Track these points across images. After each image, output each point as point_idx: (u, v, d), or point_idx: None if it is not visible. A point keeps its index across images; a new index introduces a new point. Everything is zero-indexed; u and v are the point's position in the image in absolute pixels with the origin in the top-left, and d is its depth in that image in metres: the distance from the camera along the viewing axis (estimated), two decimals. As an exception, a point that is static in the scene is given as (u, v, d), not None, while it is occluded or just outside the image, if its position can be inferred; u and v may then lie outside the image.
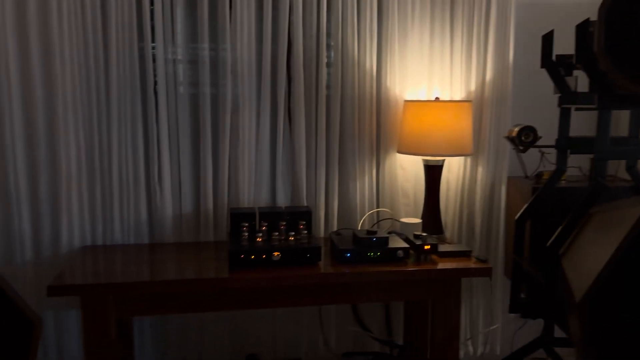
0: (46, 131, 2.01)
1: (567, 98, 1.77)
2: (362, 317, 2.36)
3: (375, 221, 2.31)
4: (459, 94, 2.29)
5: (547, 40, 1.79)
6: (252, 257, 1.82)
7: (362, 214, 2.28)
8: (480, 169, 2.32)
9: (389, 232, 2.12)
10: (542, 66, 1.81)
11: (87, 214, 2.09)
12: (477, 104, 2.29)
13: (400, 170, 2.31)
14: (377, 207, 2.32)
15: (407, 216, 2.32)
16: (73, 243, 2.08)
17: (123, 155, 2.08)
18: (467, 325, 2.44)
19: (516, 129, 1.89)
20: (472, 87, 2.28)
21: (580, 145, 1.82)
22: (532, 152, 2.15)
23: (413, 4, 2.20)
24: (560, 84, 1.78)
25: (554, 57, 1.81)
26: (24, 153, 2.01)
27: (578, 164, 2.33)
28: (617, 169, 2.31)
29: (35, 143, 2.00)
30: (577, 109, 1.84)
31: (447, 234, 2.37)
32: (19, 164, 2.00)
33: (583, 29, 1.60)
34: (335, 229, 2.27)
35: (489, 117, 2.28)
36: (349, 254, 1.88)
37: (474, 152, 2.31)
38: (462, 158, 2.32)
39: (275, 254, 1.83)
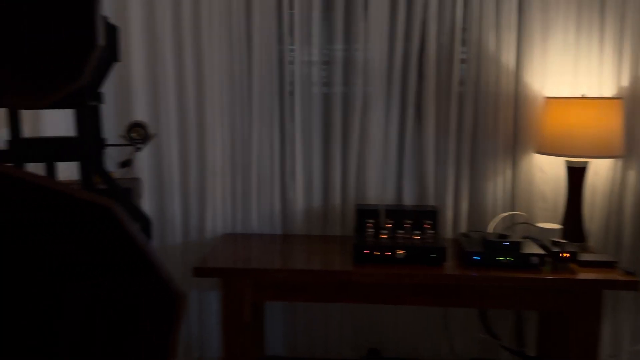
0: (196, 129, 2.23)
1: None
2: (491, 324, 2.27)
3: (509, 225, 2.20)
4: (608, 91, 2.08)
5: None
6: (376, 253, 1.84)
7: (494, 217, 2.18)
8: (632, 173, 2.10)
9: (524, 237, 2.01)
10: None
11: (229, 204, 2.28)
12: (630, 101, 2.07)
13: (538, 172, 2.17)
14: (511, 210, 2.21)
15: (544, 221, 2.17)
16: (216, 230, 2.28)
17: (261, 152, 2.24)
18: (610, 343, 2.22)
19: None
20: (624, 82, 2.06)
21: None
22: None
23: (558, -6, 2.06)
24: None
25: None
26: (177, 149, 2.25)
27: None
28: None
29: (187, 140, 2.23)
30: None
31: (591, 242, 2.17)
32: (173, 158, 2.24)
33: None
34: (463, 230, 2.21)
35: (645, 115, 2.05)
36: (477, 257, 1.82)
37: (625, 154, 2.09)
38: (610, 160, 2.11)
39: (400, 251, 1.84)
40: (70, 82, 1.34)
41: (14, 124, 1.53)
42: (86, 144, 1.48)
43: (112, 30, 1.71)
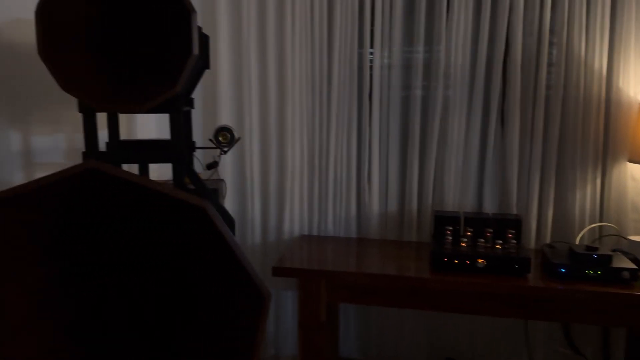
0: (277, 133, 2.30)
1: None
2: (574, 338, 2.16)
3: (597, 237, 2.09)
4: None
5: None
6: (455, 261, 1.82)
7: (581, 228, 2.08)
8: None
9: (613, 250, 1.90)
10: None
11: (306, 207, 2.33)
12: None
13: (631, 182, 2.04)
14: (600, 221, 2.10)
15: (636, 234, 2.04)
16: (293, 231, 2.34)
17: (338, 156, 2.27)
18: None
19: None
20: None
21: None
22: None
23: (658, -7, 1.93)
24: None
25: None
26: (259, 152, 2.33)
27: None
28: None
29: (268, 144, 2.31)
30: None
31: (690, 259, 2.01)
32: (254, 161, 2.32)
33: None
34: (548, 241, 2.12)
35: None
36: (563, 270, 1.75)
37: None
38: None
39: (480, 260, 1.80)
40: (168, 89, 1.44)
41: (113, 127, 1.66)
42: (179, 147, 1.57)
43: (204, 40, 1.80)
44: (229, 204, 2.36)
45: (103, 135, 2.09)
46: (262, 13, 2.23)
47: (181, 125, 1.57)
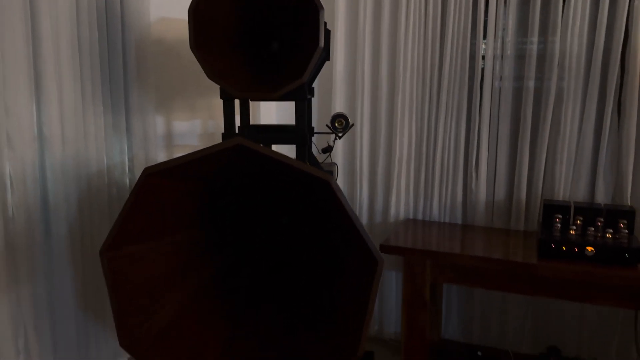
0: (386, 121, 2.43)
1: None
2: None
3: None
4: None
5: None
6: (563, 248, 1.84)
7: None
8: None
9: None
10: None
11: (412, 192, 2.44)
12: None
13: None
14: None
15: None
16: (399, 215, 2.46)
17: (446, 143, 2.35)
18: None
19: None
20: None
21: None
22: None
23: None
24: None
25: None
26: (368, 139, 2.48)
27: None
28: None
29: (377, 131, 2.45)
30: None
31: None
32: (364, 148, 2.48)
33: None
34: (665, 235, 2.06)
35: None
36: (679, 262, 1.71)
37: None
38: None
39: (589, 248, 1.81)
40: (296, 79, 1.63)
41: (245, 113, 1.89)
42: (303, 131, 1.76)
43: (327, 34, 1.97)
44: (340, 186, 2.54)
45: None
46: (377, 7, 2.37)
47: (305, 111, 1.76)
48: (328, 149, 2.20)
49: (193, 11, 1.64)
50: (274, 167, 1.42)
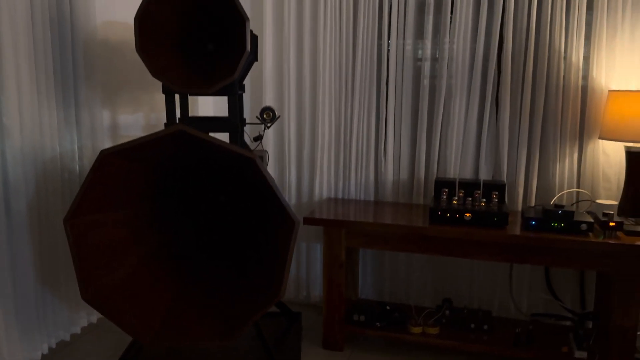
0: (310, 113, 2.81)
1: None
2: (556, 285, 2.60)
3: (575, 201, 2.51)
4: (673, 83, 2.31)
5: None
6: (448, 214, 2.29)
7: (559, 193, 2.51)
8: (694, 159, 2.31)
9: (587, 212, 2.33)
10: None
11: (333, 174, 2.84)
12: (695, 93, 2.28)
13: (602, 156, 2.45)
14: (577, 188, 2.51)
15: (607, 199, 2.45)
16: (322, 194, 2.86)
17: (360, 132, 2.76)
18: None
19: None
20: (689, 76, 2.28)
21: None
22: None
23: (624, 1, 2.31)
24: None
25: None
26: (295, 128, 2.85)
27: None
28: None
29: (302, 121, 2.82)
30: None
31: (651, 220, 2.41)
32: (291, 136, 2.85)
33: None
34: (533, 204, 2.56)
35: None
36: (534, 222, 2.19)
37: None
38: (673, 147, 2.33)
39: (467, 214, 2.26)
40: (228, 77, 1.96)
41: (184, 106, 2.21)
42: (235, 121, 2.11)
43: (254, 39, 2.32)
44: (271, 170, 2.90)
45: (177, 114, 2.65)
46: (299, 15, 2.74)
47: (236, 104, 2.10)
48: (259, 138, 2.55)
49: (139, 18, 1.94)
50: (210, 149, 1.76)
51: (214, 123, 2.20)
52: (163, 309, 1.94)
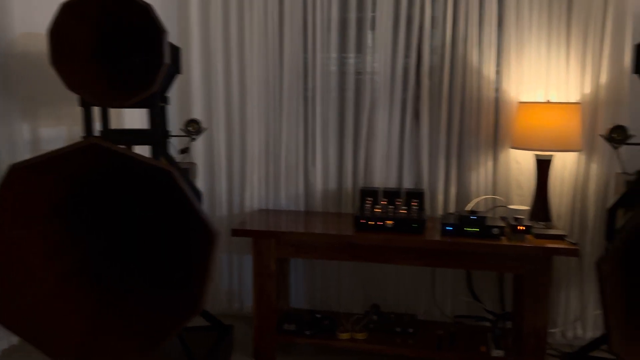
0: (239, 125, 2.84)
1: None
2: (477, 288, 2.72)
3: (490, 207, 2.65)
4: (573, 97, 2.50)
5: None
6: (371, 222, 2.37)
7: (478, 201, 2.64)
8: (594, 166, 2.50)
9: (503, 217, 2.47)
10: (636, 72, 1.99)
11: (263, 186, 2.87)
12: (592, 105, 2.47)
13: (515, 164, 2.61)
14: (493, 195, 2.66)
15: (520, 205, 2.61)
16: (253, 206, 2.88)
17: (289, 144, 2.81)
18: (576, 307, 2.62)
19: (608, 128, 2.09)
20: (587, 90, 2.47)
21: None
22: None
23: (530, 18, 2.49)
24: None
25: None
26: (225, 140, 2.87)
27: None
28: None
29: (232, 133, 2.85)
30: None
31: (560, 224, 2.59)
32: (221, 148, 2.86)
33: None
34: (452, 211, 2.68)
35: (603, 117, 2.45)
36: (449, 228, 2.31)
37: (587, 149, 2.50)
38: (575, 154, 2.52)
39: (389, 222, 2.35)
40: (146, 90, 1.97)
41: (104, 119, 2.19)
42: (155, 134, 2.10)
43: (176, 51, 2.33)
44: (201, 182, 2.89)
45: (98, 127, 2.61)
46: (226, 28, 2.77)
47: (156, 117, 2.10)
48: (185, 150, 2.55)
49: (51, 31, 1.91)
50: (127, 163, 1.75)
51: (136, 136, 2.19)
52: (82, 327, 1.90)
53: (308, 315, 2.66)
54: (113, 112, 2.79)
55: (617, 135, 2.05)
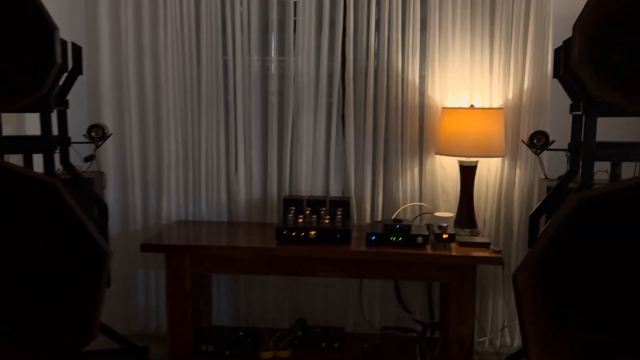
0: (154, 129, 2.64)
1: (576, 105, 1.92)
2: (406, 298, 2.65)
3: (418, 214, 2.59)
4: (497, 102, 2.48)
5: (558, 53, 1.96)
6: (293, 233, 2.24)
7: (405, 208, 2.57)
8: (518, 171, 2.49)
9: (429, 225, 2.40)
10: (554, 76, 1.98)
11: (182, 195, 2.68)
12: (516, 110, 2.47)
13: (440, 170, 2.56)
14: (420, 201, 2.60)
15: (446, 211, 2.56)
16: (171, 217, 2.68)
17: (209, 150, 2.64)
18: (505, 315, 2.60)
19: (530, 134, 2.07)
20: (510, 95, 2.46)
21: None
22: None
23: (454, 23, 2.45)
24: (570, 93, 1.93)
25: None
26: (138, 146, 2.66)
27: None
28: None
29: (146, 138, 2.64)
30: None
31: (485, 230, 2.56)
32: (134, 153, 2.65)
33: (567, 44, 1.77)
34: (380, 219, 2.60)
35: (526, 122, 2.44)
36: (373, 237, 2.21)
37: (512, 155, 2.49)
38: (500, 160, 2.50)
39: (312, 232, 2.23)
40: (35, 93, 1.75)
41: (-4, 124, 1.94)
42: (48, 140, 1.89)
43: (77, 51, 2.12)
44: (112, 192, 2.67)
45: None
46: (138, 26, 2.57)
47: (49, 122, 1.89)
48: (90, 158, 2.33)
49: None
50: (5, 175, 1.54)
51: (27, 143, 1.96)
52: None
53: (230, 334, 2.50)
54: (12, 117, 2.53)
55: (538, 141, 2.03)
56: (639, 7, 1.67)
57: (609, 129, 2.37)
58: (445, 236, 2.19)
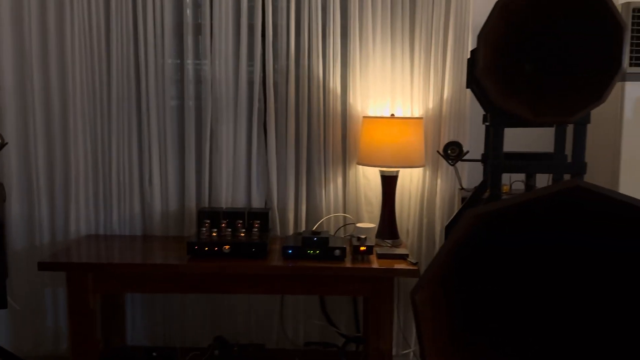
0: (61, 138, 2.46)
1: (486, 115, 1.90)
2: (332, 311, 2.58)
3: (342, 225, 2.53)
4: (418, 111, 2.46)
5: (470, 62, 1.94)
6: (206, 248, 2.13)
7: (329, 219, 2.51)
8: (439, 181, 2.47)
9: (351, 236, 2.34)
10: (467, 87, 1.96)
11: (92, 207, 2.52)
12: (436, 120, 2.45)
13: (363, 180, 2.51)
14: (344, 212, 2.54)
15: (369, 222, 2.51)
16: (80, 231, 2.51)
17: (120, 159, 2.49)
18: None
19: (444, 144, 2.05)
20: (430, 105, 2.44)
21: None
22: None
23: (374, 29, 2.42)
24: (482, 103, 1.92)
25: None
26: (44, 155, 2.47)
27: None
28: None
29: (53, 147, 2.46)
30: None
31: (408, 241, 2.53)
32: (39, 163, 2.46)
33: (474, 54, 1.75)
34: (302, 230, 2.52)
35: (446, 132, 2.43)
36: (290, 251, 2.13)
37: (432, 165, 2.47)
38: (422, 171, 2.48)
39: (226, 247, 2.12)
40: None
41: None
42: None
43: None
44: (16, 205, 2.47)
45: None
46: (43, 28, 2.40)
47: None
48: (-17, 169, 2.14)
49: None
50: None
51: None
52: None
53: (143, 355, 2.36)
54: None
55: (452, 152, 2.01)
56: (545, 15, 1.66)
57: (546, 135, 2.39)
58: (362, 248, 2.14)
